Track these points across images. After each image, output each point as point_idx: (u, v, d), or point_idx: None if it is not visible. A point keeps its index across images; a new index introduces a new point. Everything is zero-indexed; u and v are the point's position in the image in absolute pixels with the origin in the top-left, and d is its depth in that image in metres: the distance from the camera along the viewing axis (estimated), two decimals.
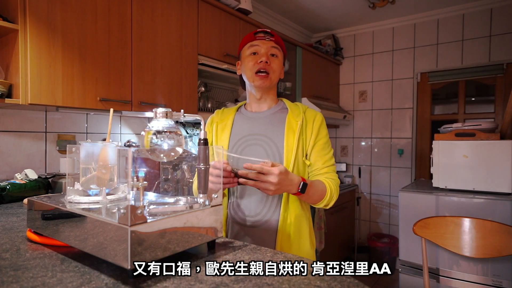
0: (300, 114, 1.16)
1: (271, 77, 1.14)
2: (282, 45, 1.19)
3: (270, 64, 1.14)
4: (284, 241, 1.11)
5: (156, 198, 0.82)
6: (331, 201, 1.13)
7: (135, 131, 2.19)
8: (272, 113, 1.20)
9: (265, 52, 1.14)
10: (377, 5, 3.12)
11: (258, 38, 1.16)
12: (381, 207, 3.66)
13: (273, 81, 1.16)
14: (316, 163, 1.16)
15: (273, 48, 1.15)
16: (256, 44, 1.15)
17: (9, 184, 1.36)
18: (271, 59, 1.14)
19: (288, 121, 1.15)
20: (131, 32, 1.71)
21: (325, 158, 1.16)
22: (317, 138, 1.15)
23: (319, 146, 1.16)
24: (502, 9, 3.01)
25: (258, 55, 1.15)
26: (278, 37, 1.19)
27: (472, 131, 2.22)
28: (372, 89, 3.71)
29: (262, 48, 1.14)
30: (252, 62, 1.14)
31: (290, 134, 1.13)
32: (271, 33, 1.17)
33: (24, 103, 1.36)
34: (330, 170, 1.17)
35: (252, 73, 1.14)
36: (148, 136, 0.72)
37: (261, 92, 1.19)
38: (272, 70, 1.14)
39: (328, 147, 1.18)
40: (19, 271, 0.63)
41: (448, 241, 1.66)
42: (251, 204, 1.14)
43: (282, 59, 1.19)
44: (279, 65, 1.17)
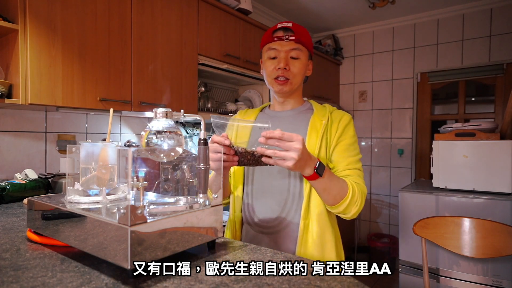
0: (326, 114, 1.08)
1: (291, 82, 1.06)
2: (306, 41, 1.07)
3: (290, 69, 1.05)
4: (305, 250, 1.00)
5: (156, 198, 0.82)
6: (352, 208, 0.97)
7: (135, 131, 2.19)
8: (296, 113, 1.13)
9: (284, 57, 1.05)
10: (377, 5, 3.12)
11: (276, 39, 1.06)
12: (381, 207, 3.66)
13: (294, 86, 1.08)
14: (338, 164, 1.03)
15: (294, 50, 1.05)
16: (274, 47, 1.06)
17: (9, 184, 1.36)
18: (291, 63, 1.05)
19: (312, 121, 1.07)
20: (131, 32, 1.71)
21: (348, 160, 1.03)
22: (341, 138, 1.05)
23: (342, 146, 1.04)
24: (502, 9, 3.01)
25: (277, 59, 1.06)
26: (301, 32, 1.07)
27: (472, 131, 2.22)
28: (372, 89, 3.71)
29: (281, 52, 1.05)
30: (271, 68, 1.07)
31: (312, 134, 1.04)
32: (292, 29, 1.05)
33: (24, 103, 1.36)
34: (354, 173, 1.02)
35: (272, 79, 1.07)
36: (147, 136, 0.72)
37: (283, 97, 1.12)
38: (292, 75, 1.06)
39: (354, 150, 1.05)
40: (19, 271, 0.63)
41: (448, 241, 1.66)
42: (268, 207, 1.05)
43: (306, 58, 1.09)
44: (301, 68, 1.07)
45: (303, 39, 1.07)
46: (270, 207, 1.05)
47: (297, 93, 1.15)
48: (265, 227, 1.06)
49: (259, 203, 1.07)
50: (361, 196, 0.98)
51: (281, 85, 1.06)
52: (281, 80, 1.06)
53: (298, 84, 1.10)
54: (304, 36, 1.07)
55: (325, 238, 1.02)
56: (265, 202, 1.06)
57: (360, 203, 0.98)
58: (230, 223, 1.14)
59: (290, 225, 1.03)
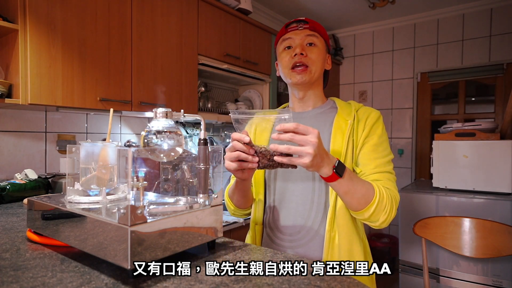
0: (351, 112, 0.98)
1: (310, 69, 0.98)
2: (321, 30, 1.02)
3: (307, 55, 0.98)
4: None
5: (156, 198, 0.82)
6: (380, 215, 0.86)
7: (135, 131, 2.19)
8: (318, 113, 1.04)
9: (299, 43, 0.99)
10: (377, 5, 3.12)
11: (290, 29, 1.01)
12: None
13: (314, 74, 0.99)
14: (365, 167, 0.93)
15: (309, 37, 0.99)
16: (288, 37, 1.01)
17: (9, 184, 1.36)
18: (308, 49, 0.98)
19: (337, 121, 0.98)
20: (131, 32, 1.71)
21: (376, 163, 0.92)
22: (368, 138, 0.94)
23: (369, 147, 0.94)
24: (502, 9, 3.01)
25: (292, 48, 1.00)
26: (315, 22, 1.02)
27: (472, 131, 2.22)
28: (372, 89, 3.71)
29: (296, 40, 0.99)
30: (287, 57, 1.00)
31: (337, 136, 0.95)
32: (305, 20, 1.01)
33: (24, 103, 1.36)
34: (383, 177, 0.91)
35: (288, 70, 1.00)
36: (145, 136, 0.72)
37: (303, 89, 1.03)
38: (311, 62, 0.98)
39: (383, 150, 0.94)
40: (19, 271, 0.63)
41: (448, 241, 1.66)
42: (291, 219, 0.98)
43: (324, 47, 1.02)
44: (320, 54, 0.99)
45: (318, 28, 1.02)
46: (293, 218, 0.97)
47: (317, 86, 1.06)
48: (287, 240, 0.98)
49: (281, 215, 0.99)
50: (391, 203, 0.88)
51: (299, 74, 0.98)
52: (299, 68, 0.98)
53: (318, 73, 1.01)
54: (319, 26, 1.03)
55: (353, 252, 0.93)
56: (288, 213, 0.98)
57: (390, 210, 0.87)
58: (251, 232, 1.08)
59: (315, 238, 0.95)
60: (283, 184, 1.01)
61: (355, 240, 0.94)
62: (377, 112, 1.00)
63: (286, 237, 0.98)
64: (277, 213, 1.01)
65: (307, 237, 0.96)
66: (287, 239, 0.98)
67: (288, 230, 0.98)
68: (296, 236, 0.97)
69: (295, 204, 0.98)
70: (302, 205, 0.97)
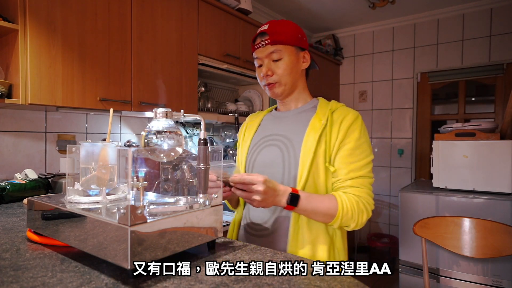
0: (326, 113, 1.03)
1: (280, 83, 1.07)
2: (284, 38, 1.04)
3: (274, 72, 1.06)
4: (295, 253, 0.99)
5: (156, 198, 0.82)
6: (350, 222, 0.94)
7: (135, 131, 2.19)
8: (298, 112, 1.11)
9: (266, 64, 1.06)
10: (377, 5, 3.12)
11: (256, 46, 1.09)
12: (381, 207, 3.66)
13: (286, 86, 1.07)
14: (339, 173, 0.98)
15: (272, 54, 1.05)
16: (256, 56, 1.09)
17: (9, 184, 1.36)
18: (274, 66, 1.05)
19: (313, 121, 1.03)
20: (131, 32, 1.71)
21: (351, 167, 0.96)
22: (344, 142, 0.98)
23: (346, 152, 0.97)
24: (502, 9, 3.01)
25: (262, 67, 1.08)
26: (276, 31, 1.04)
27: (472, 131, 2.22)
28: (372, 89, 3.71)
29: (262, 59, 1.07)
30: (260, 77, 1.10)
31: (310, 136, 1.00)
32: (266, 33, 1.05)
33: (24, 103, 1.36)
34: (356, 183, 0.96)
35: (263, 86, 1.11)
36: (146, 136, 0.72)
37: (280, 99, 1.13)
38: (278, 78, 1.06)
39: (360, 153, 0.98)
40: (19, 271, 0.63)
41: (448, 241, 1.66)
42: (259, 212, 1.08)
43: (292, 53, 1.05)
44: (285, 67, 1.05)
45: (280, 37, 1.04)
46: (262, 212, 1.06)
47: (296, 90, 1.11)
48: (256, 229, 1.07)
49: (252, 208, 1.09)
50: (359, 210, 0.94)
51: (271, 89, 1.08)
52: (270, 85, 1.08)
53: (289, 83, 1.07)
54: (281, 34, 1.04)
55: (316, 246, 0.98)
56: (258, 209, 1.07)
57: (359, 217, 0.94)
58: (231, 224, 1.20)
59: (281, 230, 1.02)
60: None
61: (321, 235, 0.99)
62: (354, 114, 1.02)
63: (255, 227, 1.07)
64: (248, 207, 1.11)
65: (273, 228, 1.03)
66: (257, 229, 1.07)
67: (258, 221, 1.07)
68: (264, 226, 1.05)
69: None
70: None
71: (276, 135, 1.09)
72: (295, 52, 1.07)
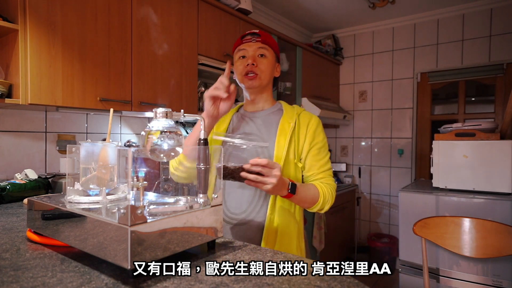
0: (294, 116, 1.17)
1: (260, 76, 1.15)
2: (271, 43, 1.19)
3: (258, 65, 1.15)
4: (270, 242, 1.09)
5: (156, 198, 0.82)
6: (325, 206, 1.13)
7: (135, 131, 2.19)
8: (267, 114, 1.21)
9: (252, 55, 1.15)
10: (377, 5, 3.13)
11: (245, 41, 1.18)
12: (381, 207, 3.66)
13: (263, 81, 1.16)
14: (312, 168, 1.15)
15: (260, 49, 1.16)
16: (243, 48, 1.18)
17: (9, 184, 1.36)
18: (259, 60, 1.15)
19: (282, 123, 1.16)
20: (131, 32, 1.71)
21: (320, 163, 1.16)
22: (313, 143, 1.15)
23: (314, 151, 1.15)
24: (502, 9, 3.01)
25: (246, 58, 1.17)
26: (267, 35, 1.19)
27: (472, 131, 2.22)
28: (372, 89, 3.71)
29: (249, 51, 1.16)
30: (241, 66, 1.17)
31: (281, 136, 1.13)
32: (258, 33, 1.17)
33: (24, 103, 1.36)
34: (326, 175, 1.17)
35: (242, 76, 1.17)
36: (150, 136, 0.72)
37: (254, 93, 1.20)
38: (260, 71, 1.15)
39: (324, 151, 1.18)
40: (19, 271, 0.63)
41: (448, 241, 1.66)
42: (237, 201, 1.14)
43: (273, 58, 1.19)
44: (268, 65, 1.17)
45: (269, 41, 1.18)
46: (240, 201, 1.14)
47: (267, 91, 1.23)
48: (233, 218, 1.15)
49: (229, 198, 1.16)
50: (332, 194, 1.14)
51: (250, 80, 1.15)
52: (251, 75, 1.15)
53: (266, 80, 1.17)
54: (270, 39, 1.19)
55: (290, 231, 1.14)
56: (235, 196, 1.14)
57: (331, 200, 1.14)
58: None
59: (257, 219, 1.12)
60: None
61: (292, 222, 1.15)
62: (317, 118, 1.20)
63: (233, 216, 1.15)
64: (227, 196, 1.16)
65: (250, 217, 1.13)
66: (233, 218, 1.15)
67: (236, 210, 1.14)
68: (241, 216, 1.13)
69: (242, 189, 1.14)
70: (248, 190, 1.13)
71: (249, 134, 1.19)
72: (274, 58, 1.21)
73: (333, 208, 3.12)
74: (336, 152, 3.98)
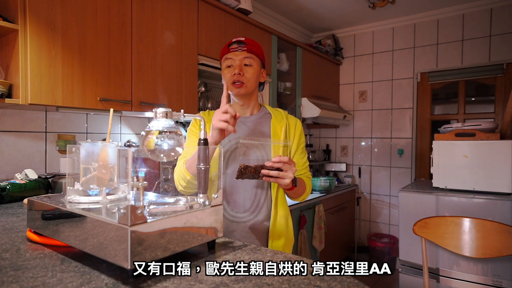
0: (283, 119, 1.29)
1: (246, 85, 1.22)
2: (257, 51, 1.25)
3: (244, 74, 1.21)
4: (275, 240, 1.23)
5: (156, 198, 0.82)
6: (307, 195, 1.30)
7: (135, 131, 2.19)
8: (257, 118, 1.30)
9: (238, 64, 1.21)
10: (377, 5, 3.12)
11: (231, 50, 1.23)
12: (381, 207, 3.66)
13: (249, 89, 1.23)
14: (298, 164, 1.28)
15: (246, 59, 1.21)
16: (229, 57, 1.23)
17: (9, 184, 1.36)
18: (245, 69, 1.21)
19: (273, 126, 1.27)
20: (131, 32, 1.71)
21: (303, 160, 1.32)
22: (299, 143, 1.31)
23: (300, 150, 1.32)
24: (502, 9, 3.01)
25: (232, 67, 1.22)
26: (253, 43, 1.25)
27: (472, 131, 2.22)
28: (372, 89, 3.71)
29: (235, 60, 1.21)
30: (229, 75, 1.22)
31: (275, 139, 1.25)
32: (244, 42, 1.23)
33: (24, 103, 1.36)
34: (306, 170, 1.33)
35: (230, 84, 1.22)
36: (150, 137, 0.72)
37: (242, 99, 1.27)
38: (246, 80, 1.21)
39: (304, 150, 1.35)
40: (19, 271, 0.63)
41: (448, 241, 1.66)
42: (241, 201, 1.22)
43: (258, 66, 1.26)
44: (254, 73, 1.23)
45: (255, 49, 1.24)
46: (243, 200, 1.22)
47: (254, 96, 1.30)
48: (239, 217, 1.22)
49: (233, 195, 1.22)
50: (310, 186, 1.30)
51: (237, 88, 1.21)
52: (237, 84, 1.21)
53: (252, 87, 1.24)
54: (255, 47, 1.25)
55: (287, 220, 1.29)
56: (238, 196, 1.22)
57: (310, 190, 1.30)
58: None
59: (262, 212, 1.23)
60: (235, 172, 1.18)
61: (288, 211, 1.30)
62: (299, 121, 1.34)
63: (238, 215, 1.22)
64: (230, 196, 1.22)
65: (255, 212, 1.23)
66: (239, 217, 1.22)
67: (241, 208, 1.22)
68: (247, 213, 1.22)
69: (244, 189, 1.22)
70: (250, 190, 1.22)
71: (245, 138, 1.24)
72: (260, 66, 1.27)
73: (333, 208, 3.13)
74: (336, 152, 3.98)
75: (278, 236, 1.24)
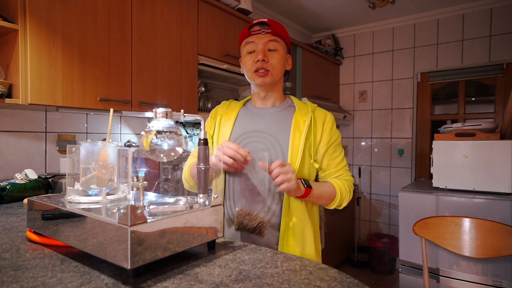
0: (308, 113, 1.09)
1: (271, 73, 1.06)
2: (282, 34, 1.08)
3: (269, 60, 1.05)
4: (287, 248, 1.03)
5: (156, 198, 0.82)
6: (343, 202, 1.10)
7: (135, 131, 2.19)
8: (278, 110, 1.12)
9: (262, 49, 1.05)
10: (377, 5, 3.12)
11: (253, 33, 1.07)
12: (381, 207, 3.66)
13: (275, 77, 1.08)
14: (329, 167, 1.11)
15: (271, 42, 1.06)
16: (251, 40, 1.07)
17: (9, 184, 1.36)
18: (269, 55, 1.06)
19: (295, 120, 1.07)
20: (131, 32, 1.71)
21: (337, 160, 1.12)
22: (329, 141, 1.09)
23: (332, 148, 1.10)
24: (502, 9, 3.01)
25: (255, 53, 1.07)
26: (277, 25, 1.08)
27: (472, 131, 2.22)
28: (372, 89, 3.71)
29: (258, 45, 1.06)
30: (250, 62, 1.07)
31: (296, 134, 1.05)
32: (267, 23, 1.07)
33: (24, 103, 1.36)
34: (343, 171, 1.14)
35: (252, 73, 1.07)
36: (149, 137, 0.72)
37: (265, 90, 1.11)
38: (272, 67, 1.06)
39: (339, 148, 1.13)
40: (19, 271, 0.63)
41: (448, 241, 1.66)
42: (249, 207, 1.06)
43: (284, 50, 1.09)
44: (280, 59, 1.07)
45: (280, 32, 1.08)
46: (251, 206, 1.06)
47: (278, 87, 1.14)
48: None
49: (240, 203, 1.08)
50: (349, 190, 1.11)
51: (261, 77, 1.06)
52: (261, 72, 1.05)
53: (278, 76, 1.09)
54: (280, 30, 1.08)
55: (305, 234, 1.06)
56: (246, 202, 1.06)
57: (349, 196, 1.11)
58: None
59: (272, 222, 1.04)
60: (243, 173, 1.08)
61: (307, 224, 1.07)
62: (332, 116, 1.13)
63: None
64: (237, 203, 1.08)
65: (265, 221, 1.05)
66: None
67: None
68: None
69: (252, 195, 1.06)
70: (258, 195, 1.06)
71: (259, 131, 1.09)
72: (286, 50, 1.11)
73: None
74: None
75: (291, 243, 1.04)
